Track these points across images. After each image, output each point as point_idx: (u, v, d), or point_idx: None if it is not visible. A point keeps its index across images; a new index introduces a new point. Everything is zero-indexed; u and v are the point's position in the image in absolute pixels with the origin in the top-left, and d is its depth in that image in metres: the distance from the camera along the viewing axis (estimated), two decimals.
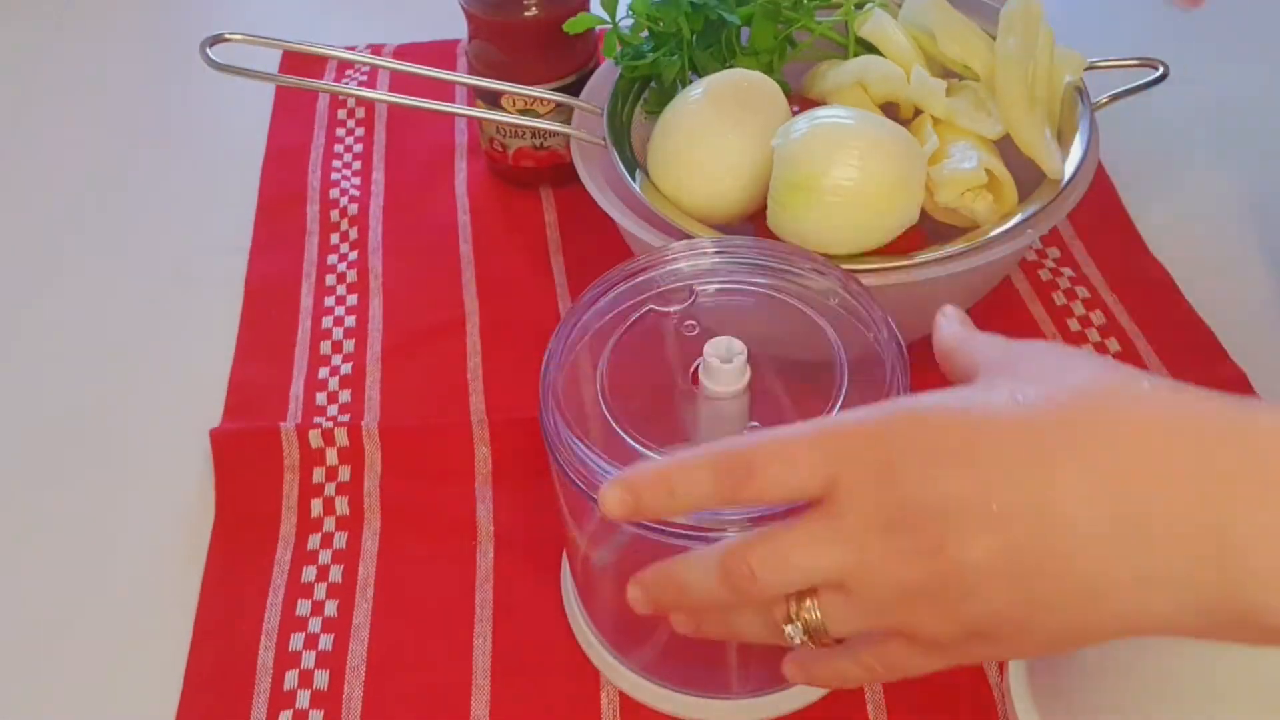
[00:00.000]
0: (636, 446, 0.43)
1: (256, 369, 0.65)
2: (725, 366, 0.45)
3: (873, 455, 0.34)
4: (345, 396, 0.63)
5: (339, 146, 0.80)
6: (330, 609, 0.54)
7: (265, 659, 0.52)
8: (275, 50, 0.78)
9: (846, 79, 0.62)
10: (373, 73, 0.85)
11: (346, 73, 0.85)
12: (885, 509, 0.34)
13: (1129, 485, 0.32)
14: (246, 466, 0.59)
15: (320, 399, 0.63)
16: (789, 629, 0.36)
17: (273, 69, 0.79)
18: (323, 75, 0.85)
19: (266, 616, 0.54)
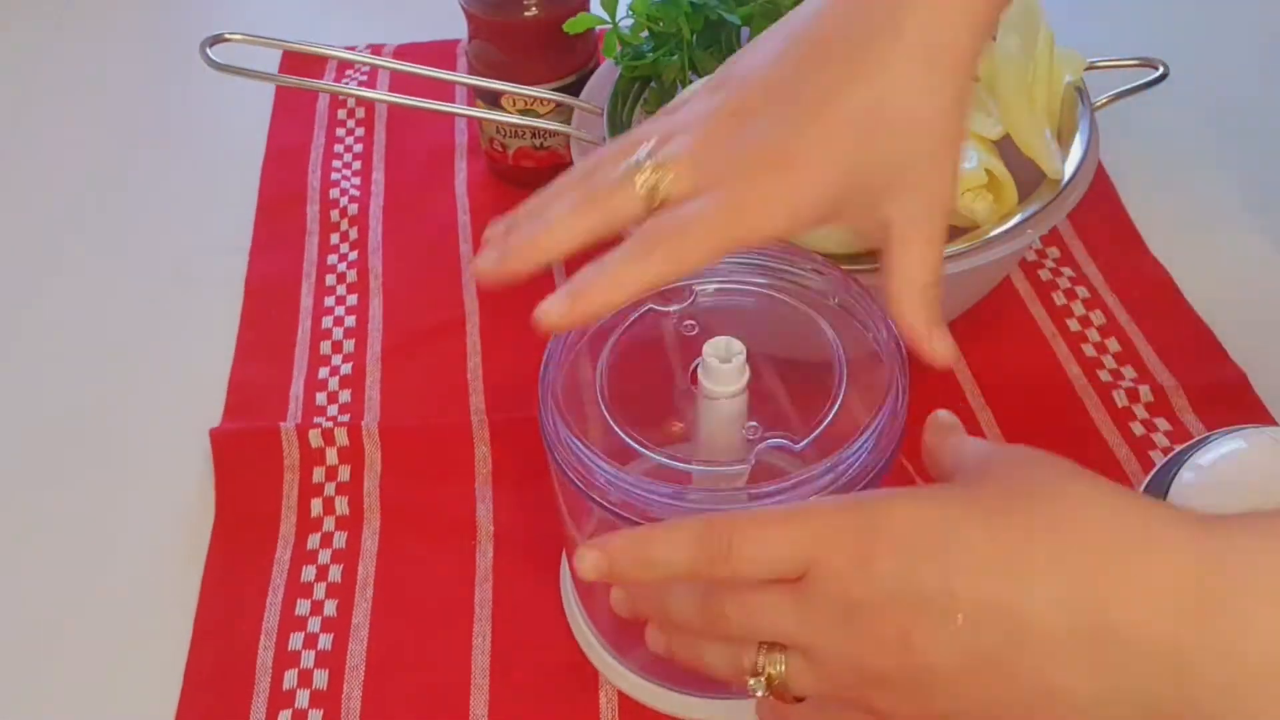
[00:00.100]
0: (635, 446, 0.43)
1: (256, 369, 0.65)
2: (724, 366, 0.45)
3: (852, 544, 0.35)
4: (345, 396, 0.63)
5: (339, 146, 0.80)
6: (330, 609, 0.54)
7: (265, 658, 0.52)
8: (275, 50, 0.78)
9: None
10: (373, 73, 0.85)
11: (346, 73, 0.85)
12: (855, 597, 0.34)
13: (1097, 597, 0.32)
14: (246, 466, 0.59)
15: (320, 399, 0.63)
16: (752, 681, 0.37)
17: (273, 69, 0.79)
18: (323, 75, 0.85)
19: (266, 616, 0.54)
